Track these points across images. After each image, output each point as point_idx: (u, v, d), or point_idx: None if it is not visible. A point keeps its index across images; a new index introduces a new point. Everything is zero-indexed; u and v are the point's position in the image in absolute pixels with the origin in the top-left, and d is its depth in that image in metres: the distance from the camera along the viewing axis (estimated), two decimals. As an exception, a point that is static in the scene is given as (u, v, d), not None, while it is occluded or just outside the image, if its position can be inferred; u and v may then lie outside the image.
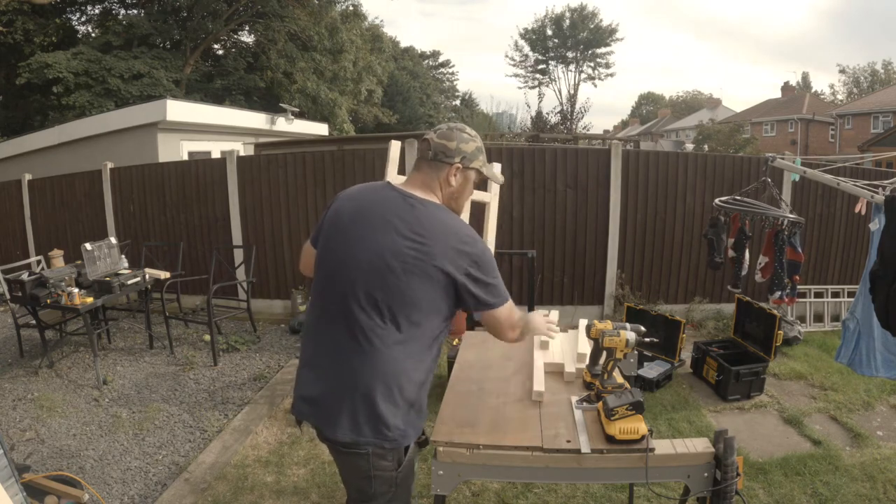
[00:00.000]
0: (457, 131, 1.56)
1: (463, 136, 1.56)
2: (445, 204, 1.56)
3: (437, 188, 1.55)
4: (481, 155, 1.60)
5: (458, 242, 1.45)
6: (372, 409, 1.40)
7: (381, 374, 1.41)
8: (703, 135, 25.69)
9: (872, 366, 2.98)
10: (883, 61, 44.59)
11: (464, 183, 1.58)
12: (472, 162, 1.56)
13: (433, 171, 1.54)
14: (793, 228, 3.79)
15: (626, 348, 1.70)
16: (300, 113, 15.71)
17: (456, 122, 1.64)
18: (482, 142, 1.62)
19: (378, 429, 1.41)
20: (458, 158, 1.53)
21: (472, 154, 1.56)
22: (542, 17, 43.93)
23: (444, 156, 1.53)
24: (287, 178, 5.71)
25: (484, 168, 1.61)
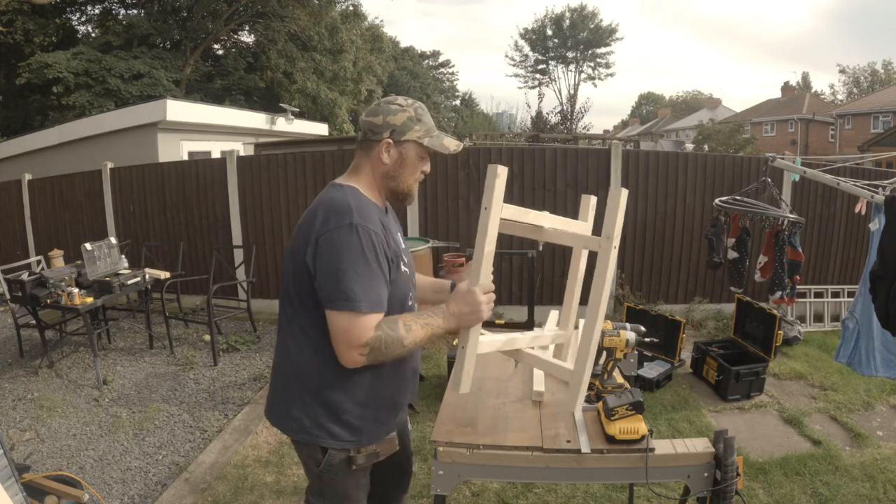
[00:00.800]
0: (385, 104, 1.41)
1: (391, 108, 1.40)
2: (382, 186, 1.43)
3: (368, 170, 1.42)
4: (416, 125, 1.40)
5: (312, 219, 1.33)
6: (275, 394, 1.51)
7: (279, 363, 1.49)
8: (703, 135, 25.69)
9: (872, 365, 2.99)
10: (883, 61, 44.68)
11: (400, 159, 1.41)
12: (403, 134, 1.39)
13: (364, 153, 1.43)
14: (793, 228, 3.79)
15: (626, 348, 1.70)
16: (300, 113, 15.72)
17: (394, 95, 1.48)
18: (424, 112, 1.43)
19: (282, 416, 1.48)
20: (386, 133, 1.38)
21: (402, 125, 1.39)
22: (542, 17, 44.04)
23: (373, 133, 1.39)
24: (287, 178, 5.71)
25: (426, 139, 1.41)
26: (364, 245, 1.29)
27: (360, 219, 1.30)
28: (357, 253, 1.28)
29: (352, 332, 1.28)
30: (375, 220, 1.35)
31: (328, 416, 1.41)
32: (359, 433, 1.44)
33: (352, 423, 1.43)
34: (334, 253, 1.28)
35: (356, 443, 1.45)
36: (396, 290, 1.40)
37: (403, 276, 1.43)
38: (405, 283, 1.45)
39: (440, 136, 1.44)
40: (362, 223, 1.30)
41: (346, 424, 1.42)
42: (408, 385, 1.56)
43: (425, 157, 1.45)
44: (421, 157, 1.44)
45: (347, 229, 1.29)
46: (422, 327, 1.36)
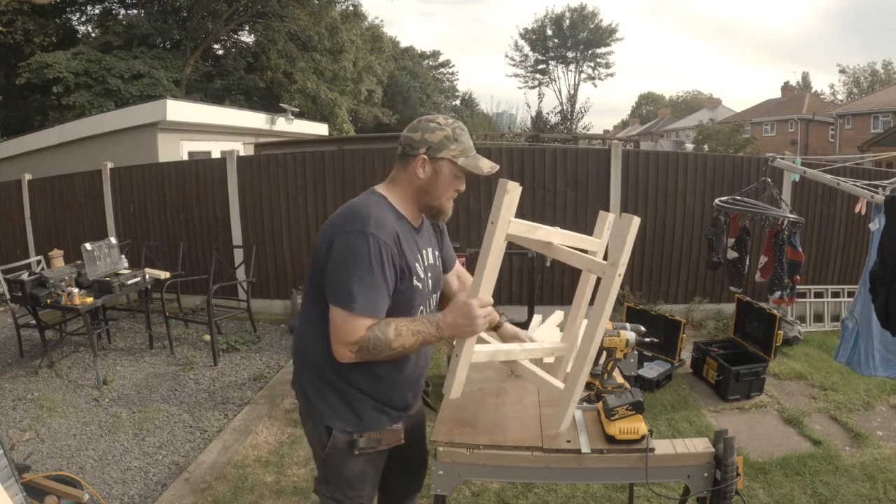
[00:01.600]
0: (424, 122, 1.49)
1: (430, 125, 1.47)
2: (417, 200, 1.50)
3: (404, 183, 1.49)
4: (453, 144, 1.46)
5: (336, 217, 1.44)
6: (296, 370, 1.63)
7: (296, 343, 1.62)
8: (703, 135, 25.69)
9: (871, 365, 2.99)
10: (883, 61, 44.65)
11: (434, 176, 1.47)
12: (439, 152, 1.45)
13: (401, 166, 1.49)
14: (793, 228, 3.79)
15: (626, 348, 1.70)
16: (300, 113, 15.72)
17: (435, 114, 1.57)
18: (463, 132, 1.49)
19: (299, 388, 1.60)
20: (423, 149, 1.45)
21: (438, 143, 1.45)
22: (542, 17, 44.00)
23: (411, 148, 1.46)
24: (287, 178, 5.71)
25: (461, 158, 1.46)
26: (371, 253, 1.35)
27: (375, 228, 1.37)
28: (364, 259, 1.35)
29: (343, 329, 1.36)
30: (390, 232, 1.40)
31: (334, 396, 1.50)
32: (360, 418, 1.51)
33: (354, 406, 1.50)
34: (345, 254, 1.37)
35: (358, 426, 1.51)
36: (403, 302, 1.46)
37: (414, 290, 1.48)
38: (415, 297, 1.49)
39: (476, 157, 1.49)
40: (375, 232, 1.36)
41: (349, 406, 1.50)
42: (412, 383, 1.61)
43: (460, 175, 1.50)
44: (455, 176, 1.49)
45: (361, 235, 1.36)
46: (412, 334, 1.39)
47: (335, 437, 1.51)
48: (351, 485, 1.57)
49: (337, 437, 1.51)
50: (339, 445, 1.51)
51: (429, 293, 1.56)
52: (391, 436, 1.56)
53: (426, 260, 1.54)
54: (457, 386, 1.49)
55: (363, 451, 1.52)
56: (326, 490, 1.58)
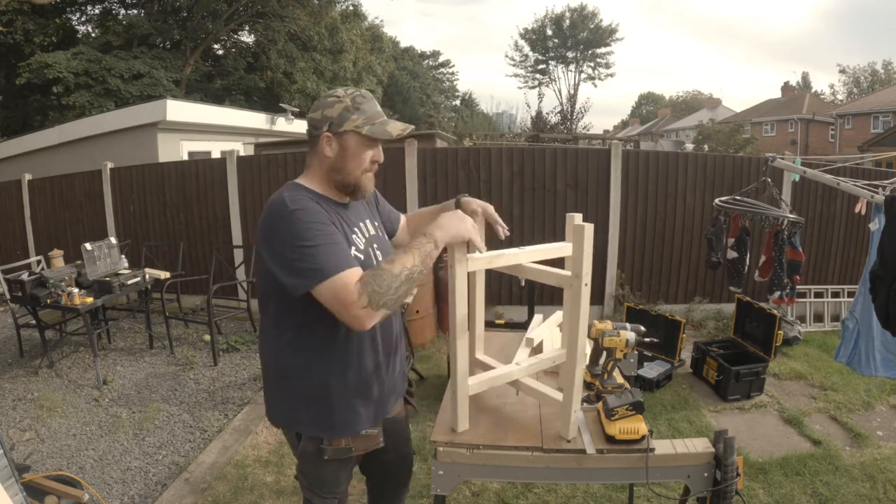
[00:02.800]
0: (322, 98, 1.43)
1: (328, 101, 1.41)
2: (331, 181, 1.43)
3: (316, 165, 1.44)
4: (354, 114, 1.38)
5: (260, 222, 1.37)
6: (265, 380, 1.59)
7: (262, 352, 1.58)
8: (703, 135, 25.68)
9: (871, 365, 2.99)
10: (883, 61, 44.70)
11: (342, 152, 1.40)
12: (341, 125, 1.38)
13: (311, 150, 1.44)
14: (793, 228, 3.79)
15: (626, 348, 1.70)
16: (300, 113, 15.71)
17: (335, 88, 1.47)
18: (365, 100, 1.41)
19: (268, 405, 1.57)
20: (325, 126, 1.39)
21: (339, 117, 1.38)
22: (542, 17, 44.03)
23: (314, 129, 1.41)
24: (287, 178, 5.62)
25: (365, 128, 1.38)
26: (305, 221, 1.29)
27: (295, 204, 1.31)
28: (304, 230, 1.28)
29: (339, 297, 1.25)
30: (312, 206, 1.34)
31: (300, 402, 1.47)
32: (329, 422, 1.46)
33: (322, 410, 1.45)
34: (283, 239, 1.29)
35: (328, 432, 1.47)
36: None
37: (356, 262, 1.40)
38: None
39: (384, 122, 1.42)
40: (296, 207, 1.30)
41: (317, 412, 1.46)
42: (380, 377, 1.52)
43: (371, 146, 1.42)
44: (366, 147, 1.42)
45: (287, 217, 1.29)
46: (407, 253, 1.31)
47: (304, 443, 1.49)
48: (324, 483, 1.58)
49: (305, 442, 1.49)
50: (308, 451, 1.49)
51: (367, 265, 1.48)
52: (365, 441, 1.51)
53: (365, 232, 1.50)
54: (462, 419, 1.54)
55: (331, 458, 1.48)
56: (303, 481, 1.60)
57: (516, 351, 1.84)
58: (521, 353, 1.82)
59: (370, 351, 1.48)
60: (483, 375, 1.60)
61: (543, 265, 1.58)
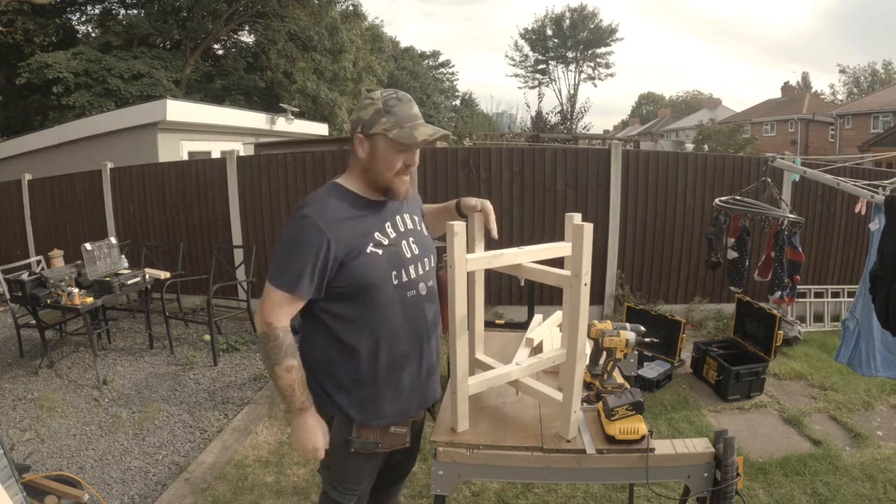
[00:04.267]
0: (361, 98, 1.47)
1: (363, 102, 1.44)
2: (363, 179, 1.48)
3: (353, 164, 1.49)
4: (384, 117, 1.40)
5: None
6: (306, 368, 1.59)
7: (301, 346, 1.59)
8: (703, 135, 25.68)
9: (872, 365, 2.99)
10: (883, 61, 44.72)
11: (372, 153, 1.43)
12: (371, 128, 1.41)
13: (351, 149, 1.49)
14: (793, 228, 3.79)
15: (626, 348, 1.69)
16: (300, 113, 15.72)
17: (375, 90, 1.51)
18: (399, 102, 1.42)
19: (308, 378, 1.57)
20: (358, 128, 1.43)
21: (370, 119, 1.41)
22: (542, 17, 44.13)
23: (352, 129, 1.47)
24: (287, 178, 5.71)
25: (393, 131, 1.40)
26: (296, 234, 1.39)
27: (313, 210, 1.41)
28: (290, 240, 1.41)
29: (265, 301, 1.42)
30: (331, 211, 1.41)
31: (332, 386, 1.51)
32: (359, 409, 1.50)
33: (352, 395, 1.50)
34: (282, 234, 1.45)
35: (360, 420, 1.50)
36: (364, 272, 1.43)
37: (373, 258, 1.44)
38: (380, 263, 1.45)
39: (413, 126, 1.42)
40: (310, 214, 1.40)
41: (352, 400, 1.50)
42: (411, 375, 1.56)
43: (403, 149, 1.43)
44: (397, 150, 1.42)
45: (297, 219, 1.41)
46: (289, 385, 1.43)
47: (333, 434, 1.51)
48: (348, 478, 1.59)
49: (335, 434, 1.51)
50: (336, 442, 1.52)
51: (413, 258, 1.53)
52: (393, 439, 1.55)
53: (401, 226, 1.53)
54: (462, 419, 1.55)
55: (358, 450, 1.51)
56: (326, 475, 1.61)
57: (516, 351, 1.84)
58: (520, 353, 1.82)
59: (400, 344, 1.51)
60: (483, 375, 1.60)
61: (543, 265, 1.58)
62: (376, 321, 1.46)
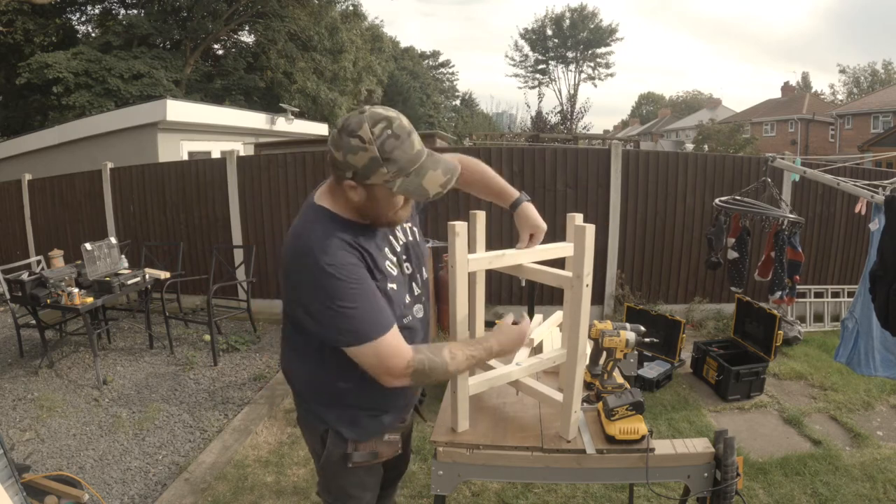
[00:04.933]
0: (345, 136, 1.16)
1: (351, 143, 1.16)
2: (360, 215, 1.28)
3: (341, 196, 1.26)
4: (384, 166, 1.16)
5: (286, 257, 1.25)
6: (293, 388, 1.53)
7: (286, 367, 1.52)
8: (703, 135, 25.68)
9: (871, 365, 2.99)
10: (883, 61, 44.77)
11: (369, 199, 1.23)
12: (368, 178, 1.18)
13: (335, 179, 1.25)
14: (793, 228, 3.79)
15: (626, 348, 1.70)
16: (300, 113, 15.72)
17: (358, 116, 1.19)
18: (399, 143, 1.17)
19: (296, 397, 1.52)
20: (349, 173, 1.18)
21: (364, 168, 1.17)
22: (542, 17, 44.16)
23: (335, 168, 1.21)
24: (287, 178, 5.71)
25: (397, 181, 1.18)
26: (340, 279, 1.19)
27: (324, 257, 1.19)
28: (340, 290, 1.19)
29: (384, 362, 1.23)
30: (342, 249, 1.22)
31: (324, 405, 1.43)
32: (356, 424, 1.43)
33: (349, 412, 1.42)
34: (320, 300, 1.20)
35: (354, 433, 1.43)
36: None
37: (391, 294, 1.33)
38: (394, 300, 1.34)
39: (420, 173, 1.20)
40: (327, 261, 1.19)
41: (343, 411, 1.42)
42: (405, 398, 1.52)
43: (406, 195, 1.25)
44: (400, 196, 1.24)
45: (318, 273, 1.19)
46: (466, 358, 1.33)
47: (329, 450, 1.44)
48: (349, 493, 1.52)
49: (331, 450, 1.44)
50: (333, 459, 1.45)
51: (407, 280, 1.41)
52: (388, 448, 1.50)
53: (397, 243, 1.40)
54: (462, 419, 1.55)
55: (357, 464, 1.44)
56: (327, 497, 1.55)
57: (516, 351, 1.84)
58: (521, 353, 1.82)
59: None
60: (483, 375, 1.60)
61: (544, 265, 1.58)
62: None
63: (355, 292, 1.20)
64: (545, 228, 1.57)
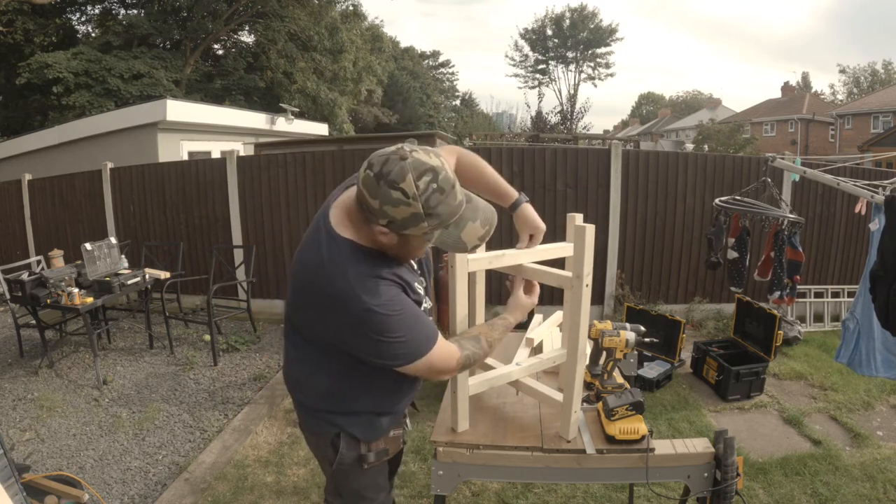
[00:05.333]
0: (384, 187, 1.10)
1: (392, 196, 1.10)
2: (385, 251, 1.27)
3: (367, 231, 1.23)
4: (425, 221, 1.13)
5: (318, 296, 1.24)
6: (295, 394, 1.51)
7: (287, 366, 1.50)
8: (703, 135, 25.68)
9: (872, 366, 2.99)
10: (883, 61, 44.76)
11: (401, 244, 1.21)
12: (405, 229, 1.15)
13: (362, 216, 1.21)
14: (793, 228, 3.79)
15: (626, 348, 1.70)
16: (300, 113, 15.73)
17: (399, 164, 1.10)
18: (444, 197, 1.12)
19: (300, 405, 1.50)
20: (383, 221, 1.15)
21: (404, 221, 1.13)
22: (542, 17, 44.13)
23: (368, 211, 1.16)
24: (287, 178, 5.71)
25: (436, 233, 1.16)
26: (387, 315, 1.19)
27: (369, 298, 1.18)
28: (390, 325, 1.20)
29: (437, 367, 1.30)
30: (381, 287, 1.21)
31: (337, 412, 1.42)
32: (368, 427, 1.43)
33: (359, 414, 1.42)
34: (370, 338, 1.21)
35: (366, 434, 1.43)
36: None
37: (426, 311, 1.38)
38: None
39: (459, 223, 1.18)
40: (373, 303, 1.18)
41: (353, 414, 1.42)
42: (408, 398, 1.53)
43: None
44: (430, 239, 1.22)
45: (365, 316, 1.18)
46: (497, 339, 1.46)
47: (342, 454, 1.42)
48: (363, 496, 1.50)
49: (343, 453, 1.42)
50: (346, 462, 1.43)
51: (426, 290, 1.44)
52: (394, 443, 1.50)
53: (414, 262, 1.43)
54: (462, 419, 1.56)
55: (372, 464, 1.44)
56: (338, 501, 1.52)
57: (516, 351, 1.84)
58: (521, 353, 1.82)
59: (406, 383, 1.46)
60: (483, 375, 1.60)
61: (544, 265, 1.58)
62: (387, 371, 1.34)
63: (402, 320, 1.22)
64: (544, 229, 1.57)
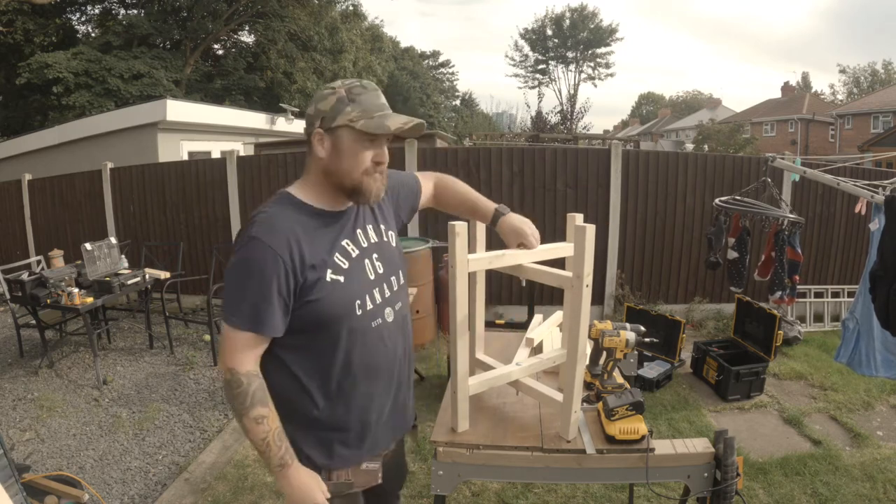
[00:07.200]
0: (319, 91, 1.27)
1: (322, 93, 1.25)
2: (327, 184, 1.28)
3: (311, 169, 1.29)
4: (348, 106, 1.21)
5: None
6: None
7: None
8: (703, 135, 25.66)
9: (872, 366, 2.99)
10: (883, 61, 44.78)
11: (335, 150, 1.24)
12: (334, 120, 1.21)
13: (308, 152, 1.29)
14: (793, 228, 3.79)
15: (626, 348, 1.69)
16: (300, 113, 15.71)
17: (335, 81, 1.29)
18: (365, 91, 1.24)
19: None
20: (318, 122, 1.23)
21: (332, 110, 1.22)
22: (542, 17, 44.10)
23: (309, 126, 1.26)
24: (287, 178, 5.71)
25: (360, 121, 1.21)
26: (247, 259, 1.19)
27: (261, 230, 1.20)
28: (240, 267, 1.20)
29: (223, 345, 1.22)
30: (283, 231, 1.21)
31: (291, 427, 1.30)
32: (330, 453, 1.33)
33: (323, 440, 1.33)
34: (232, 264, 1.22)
35: (327, 462, 1.33)
36: (329, 305, 1.25)
37: (334, 286, 1.25)
38: (343, 293, 1.27)
39: (383, 116, 1.24)
40: (259, 235, 1.19)
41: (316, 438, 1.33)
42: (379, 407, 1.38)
43: (371, 144, 1.25)
44: (364, 145, 1.23)
45: (248, 242, 1.20)
46: (262, 439, 1.22)
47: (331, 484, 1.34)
48: None
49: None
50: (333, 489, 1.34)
51: (377, 279, 1.34)
52: (365, 477, 1.39)
53: (363, 241, 1.34)
54: (462, 419, 1.54)
55: (334, 494, 1.33)
56: None
57: (516, 351, 1.84)
58: (521, 353, 1.82)
59: (364, 380, 1.33)
60: (483, 375, 1.60)
61: (544, 265, 1.58)
62: (336, 356, 1.28)
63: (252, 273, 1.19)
64: (533, 231, 1.53)
